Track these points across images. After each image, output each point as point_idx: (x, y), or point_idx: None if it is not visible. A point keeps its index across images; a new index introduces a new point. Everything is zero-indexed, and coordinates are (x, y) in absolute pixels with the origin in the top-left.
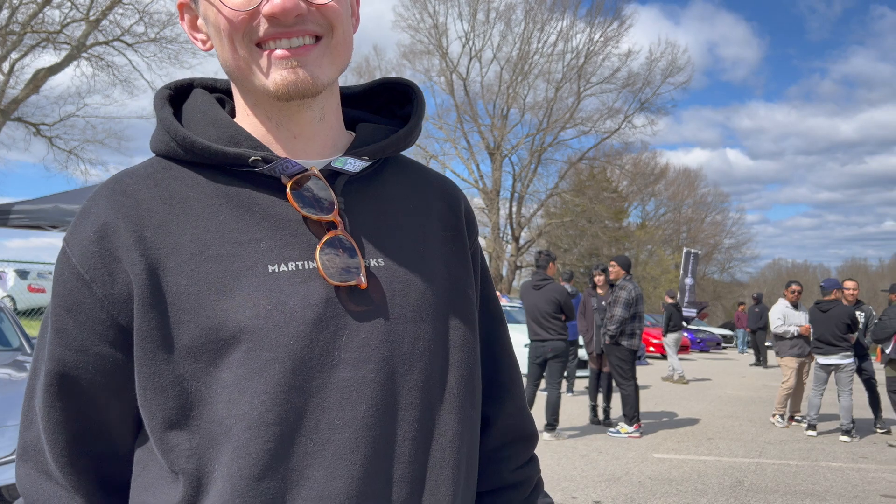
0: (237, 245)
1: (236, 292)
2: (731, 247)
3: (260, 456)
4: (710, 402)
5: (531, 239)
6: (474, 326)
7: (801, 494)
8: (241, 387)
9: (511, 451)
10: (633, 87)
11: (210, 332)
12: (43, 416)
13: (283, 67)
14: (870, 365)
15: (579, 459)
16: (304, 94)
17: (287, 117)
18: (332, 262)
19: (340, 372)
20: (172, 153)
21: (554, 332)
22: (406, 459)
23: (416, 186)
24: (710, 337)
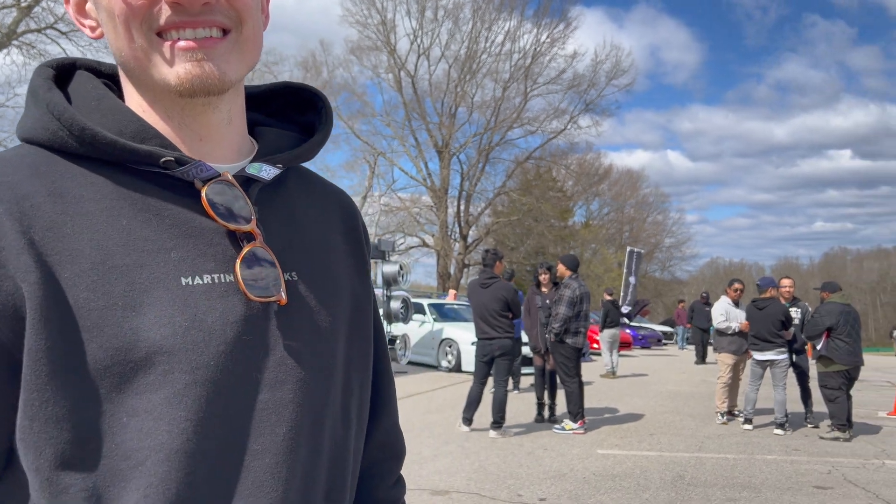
0: (144, 254)
1: (147, 307)
2: (671, 246)
3: (180, 489)
4: (652, 397)
5: (479, 237)
6: (370, 342)
7: (739, 487)
8: (156, 414)
9: (384, 468)
10: (579, 89)
11: (118, 353)
12: None
13: (188, 60)
14: (804, 360)
15: (525, 457)
16: (209, 90)
17: (191, 117)
18: (252, 275)
19: (260, 394)
20: (60, 144)
21: (501, 329)
22: (322, 479)
23: (318, 198)
24: (652, 334)
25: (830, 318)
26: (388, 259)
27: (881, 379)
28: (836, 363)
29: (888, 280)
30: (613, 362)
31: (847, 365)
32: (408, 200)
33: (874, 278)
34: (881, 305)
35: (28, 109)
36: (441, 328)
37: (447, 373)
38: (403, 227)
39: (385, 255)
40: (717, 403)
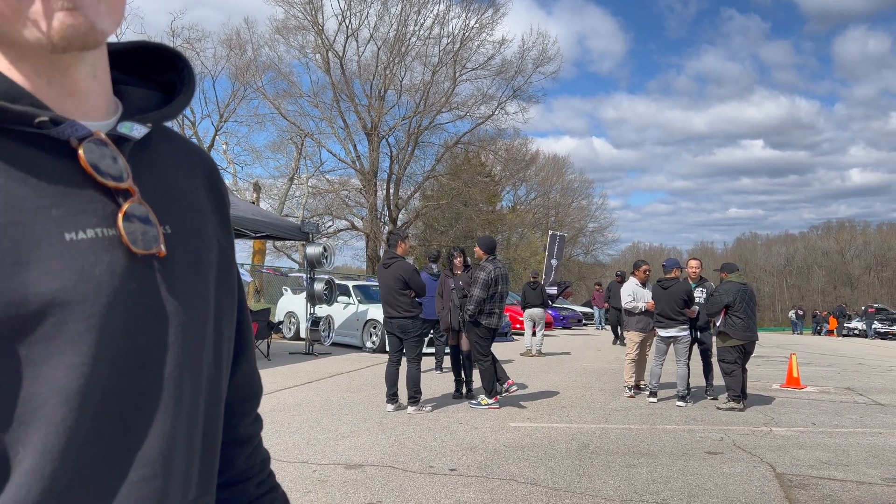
0: (24, 212)
1: (33, 263)
2: (594, 230)
3: (79, 427)
4: (567, 374)
5: (408, 221)
6: (235, 292)
7: (638, 454)
8: (53, 361)
9: (244, 407)
10: (506, 75)
11: (10, 307)
12: None
13: (59, 10)
14: (708, 337)
15: (440, 431)
16: (85, 43)
17: (60, 72)
18: (132, 230)
19: (147, 339)
20: None
21: (401, 308)
22: (201, 415)
23: (183, 156)
24: (572, 314)
25: (728, 296)
26: (312, 241)
27: (780, 355)
28: (733, 338)
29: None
30: (534, 342)
31: (742, 340)
32: (336, 183)
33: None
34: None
35: None
36: (366, 309)
37: (371, 353)
38: (332, 210)
39: (309, 237)
40: (625, 378)
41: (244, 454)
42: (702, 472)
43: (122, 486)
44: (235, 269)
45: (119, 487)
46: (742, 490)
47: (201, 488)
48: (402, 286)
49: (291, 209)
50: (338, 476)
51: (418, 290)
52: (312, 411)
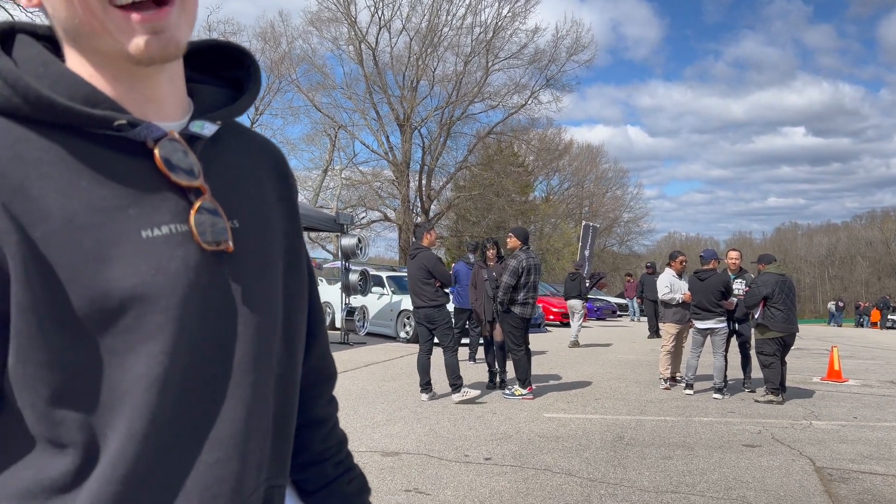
0: (105, 213)
1: (114, 260)
2: (629, 220)
3: (161, 413)
4: (601, 365)
5: (441, 212)
6: (305, 280)
7: (674, 446)
8: (135, 352)
9: (318, 390)
10: (540, 64)
11: (94, 302)
12: None
13: (146, 32)
14: (746, 329)
15: (474, 420)
16: (167, 59)
17: (140, 81)
18: (202, 226)
19: (219, 328)
20: (12, 109)
21: (426, 298)
22: (271, 400)
23: (250, 149)
24: (607, 305)
25: (766, 287)
26: (346, 232)
27: (820, 347)
28: (772, 330)
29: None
30: (574, 332)
31: (782, 332)
32: (369, 174)
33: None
34: (829, 279)
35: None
36: (399, 300)
37: (405, 343)
38: (365, 201)
39: (344, 229)
40: (661, 370)
41: (320, 435)
42: (739, 464)
43: (199, 468)
44: (304, 256)
45: (197, 468)
46: (780, 483)
47: (275, 470)
48: (426, 276)
49: (325, 201)
50: (375, 463)
51: (442, 278)
52: (349, 399)
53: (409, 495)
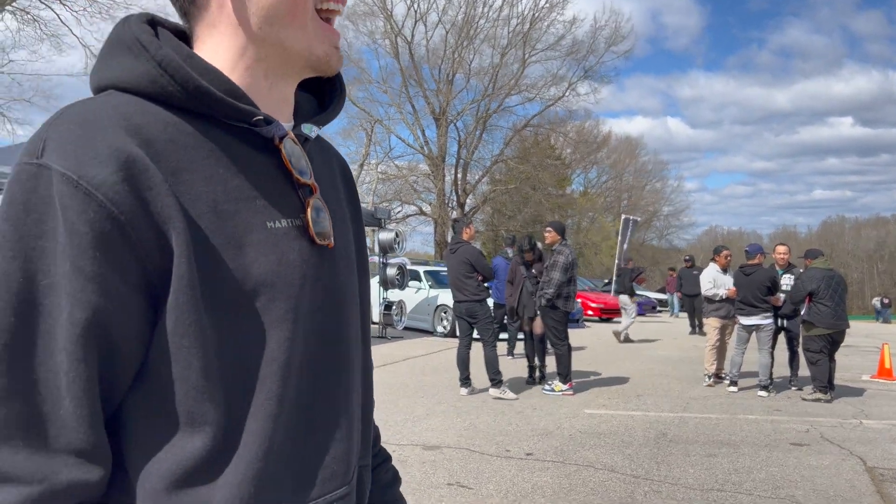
0: (239, 201)
1: (247, 247)
2: (669, 214)
3: (289, 395)
4: (643, 362)
5: (476, 205)
6: (368, 278)
7: (718, 444)
8: (267, 334)
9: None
10: (577, 55)
11: (235, 283)
12: (70, 366)
13: (333, 43)
14: (795, 325)
15: (515, 415)
16: (333, 71)
17: (285, 82)
18: (315, 220)
19: (326, 318)
20: (165, 96)
21: (468, 292)
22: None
23: (325, 153)
24: (647, 301)
25: (811, 283)
26: (384, 227)
27: (870, 344)
28: (818, 327)
29: (885, 248)
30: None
31: (829, 329)
32: (405, 168)
33: (871, 247)
34: (878, 274)
35: (119, 59)
36: (437, 294)
37: (442, 338)
38: (401, 196)
39: (381, 223)
40: (706, 366)
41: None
42: (787, 463)
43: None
44: (367, 255)
45: (318, 449)
46: (830, 483)
47: (365, 451)
48: (469, 270)
49: (361, 195)
50: (416, 457)
51: (485, 273)
52: (389, 393)
53: (451, 489)
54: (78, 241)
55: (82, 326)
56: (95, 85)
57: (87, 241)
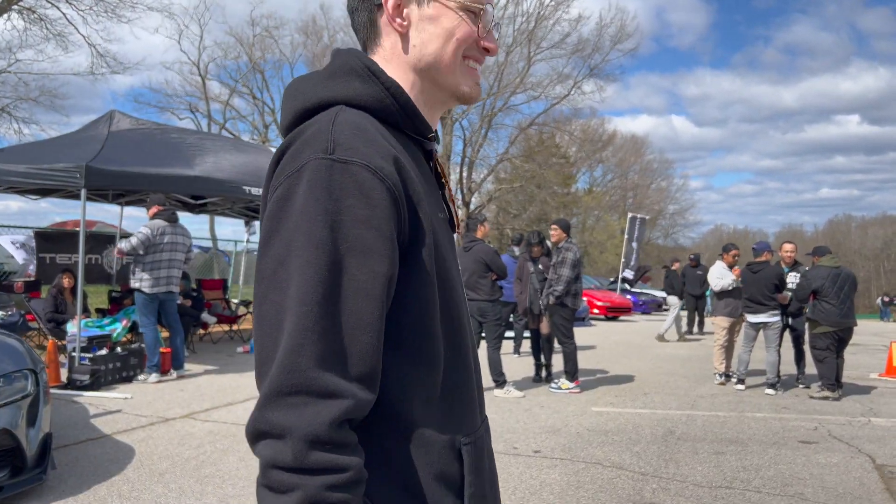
0: (426, 196)
1: (437, 231)
2: (675, 212)
3: (460, 340)
4: (650, 360)
5: (482, 204)
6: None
7: (727, 441)
8: (452, 299)
9: None
10: (583, 53)
11: (438, 259)
12: (372, 310)
13: (476, 82)
14: (800, 323)
15: (522, 413)
16: (474, 102)
17: (439, 110)
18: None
19: (462, 286)
20: (384, 112)
21: (483, 292)
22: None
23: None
24: (652, 299)
25: (816, 281)
26: None
27: (878, 343)
28: (822, 325)
29: (892, 247)
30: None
31: (833, 326)
32: None
33: (878, 245)
34: (885, 273)
35: (351, 81)
36: None
37: None
38: None
39: None
40: (716, 364)
41: None
42: (795, 461)
43: (469, 394)
44: None
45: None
46: (839, 481)
47: (483, 408)
48: (484, 269)
49: None
50: None
51: (500, 272)
52: None
53: None
54: (379, 213)
55: (384, 276)
56: (323, 99)
57: (385, 213)
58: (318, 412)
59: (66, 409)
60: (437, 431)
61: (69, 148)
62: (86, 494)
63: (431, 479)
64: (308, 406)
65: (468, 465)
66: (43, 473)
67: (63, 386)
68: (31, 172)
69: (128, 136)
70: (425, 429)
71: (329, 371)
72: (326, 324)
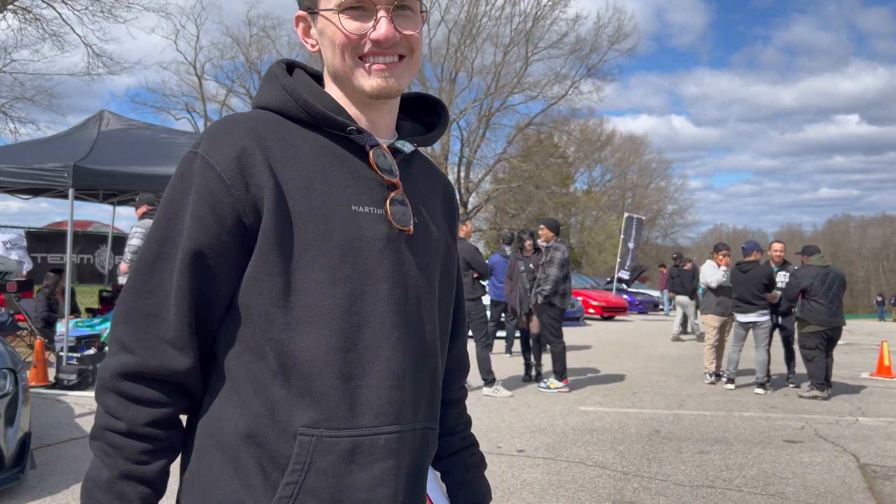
0: (332, 186)
1: (331, 219)
2: (673, 212)
3: (349, 334)
4: (641, 360)
5: (479, 204)
6: (454, 285)
7: (712, 441)
8: (334, 285)
9: (455, 376)
10: (581, 53)
11: (313, 242)
12: (177, 281)
13: (379, 77)
14: (790, 322)
15: (508, 413)
16: (389, 96)
17: (369, 109)
18: (395, 211)
19: (398, 287)
20: (285, 110)
21: (465, 290)
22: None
23: (431, 177)
24: (648, 299)
25: (804, 280)
26: None
27: (872, 342)
28: (811, 324)
29: (891, 247)
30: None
31: (822, 326)
32: None
33: (878, 245)
34: (884, 272)
35: (263, 87)
36: None
37: None
38: None
39: None
40: (706, 364)
41: (454, 413)
42: (779, 460)
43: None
44: (456, 265)
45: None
46: (821, 479)
47: (428, 416)
48: (465, 267)
49: None
50: None
51: (481, 270)
52: None
53: None
54: (197, 196)
55: (187, 252)
56: (254, 106)
57: (201, 196)
58: (110, 362)
59: (52, 409)
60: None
61: (59, 148)
62: (63, 493)
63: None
64: (110, 355)
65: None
66: (21, 473)
67: (51, 385)
68: (20, 172)
69: (118, 136)
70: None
71: (129, 326)
72: (140, 288)
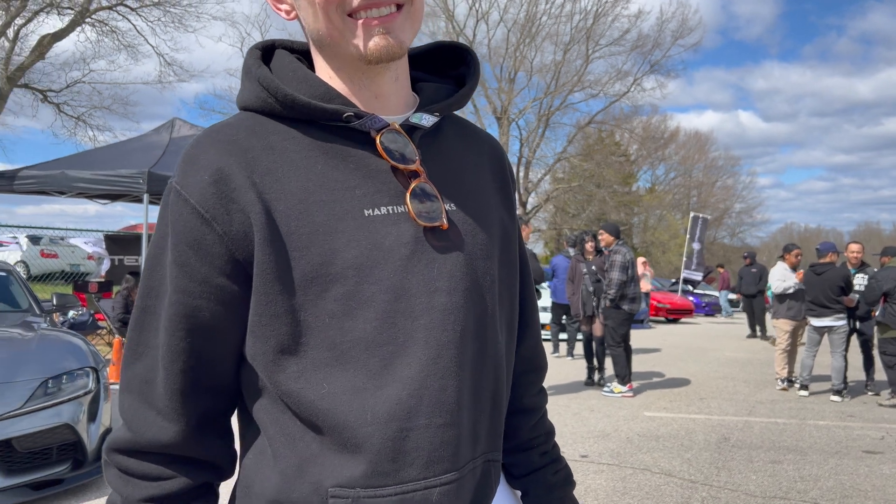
0: (336, 192)
1: (340, 233)
2: (741, 211)
3: (380, 369)
4: (708, 363)
5: (539, 204)
6: (517, 267)
7: (785, 450)
8: (352, 315)
9: (527, 379)
10: (643, 49)
11: (321, 267)
12: (164, 344)
13: (375, 35)
14: (868, 327)
15: (571, 417)
16: (392, 57)
17: (369, 79)
18: (418, 205)
19: (438, 297)
20: (268, 108)
21: None
22: (489, 378)
23: (471, 141)
24: (715, 301)
25: (887, 282)
26: None
27: None
28: (893, 329)
29: None
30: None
31: None
32: None
33: None
34: None
35: (243, 84)
36: None
37: None
38: None
39: None
40: (777, 370)
41: (529, 424)
42: (858, 471)
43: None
44: (516, 246)
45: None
46: None
47: (489, 444)
48: None
49: None
50: None
51: (536, 275)
52: None
53: None
54: (175, 239)
55: (174, 308)
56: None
57: (180, 238)
58: (112, 435)
59: None
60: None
61: (132, 154)
62: None
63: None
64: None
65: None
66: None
67: None
68: (97, 178)
69: (188, 142)
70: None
71: (124, 396)
72: (133, 349)
